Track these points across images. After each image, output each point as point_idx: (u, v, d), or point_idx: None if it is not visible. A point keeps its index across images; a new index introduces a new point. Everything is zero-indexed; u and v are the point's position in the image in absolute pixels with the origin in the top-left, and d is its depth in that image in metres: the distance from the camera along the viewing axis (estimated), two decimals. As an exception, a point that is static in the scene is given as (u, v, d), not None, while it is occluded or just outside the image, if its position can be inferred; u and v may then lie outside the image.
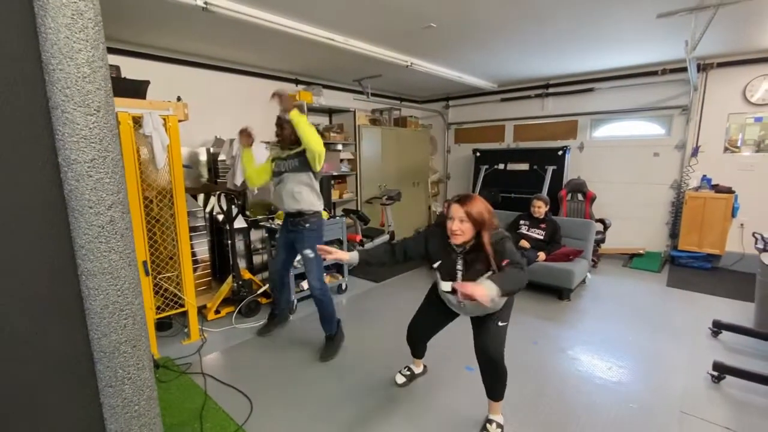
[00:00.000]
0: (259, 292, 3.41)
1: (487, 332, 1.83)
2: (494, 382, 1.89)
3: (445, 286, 1.81)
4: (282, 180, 2.66)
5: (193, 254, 3.24)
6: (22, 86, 0.70)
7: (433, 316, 2.11)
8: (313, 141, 2.43)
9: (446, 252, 1.79)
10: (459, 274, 1.76)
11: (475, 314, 1.89)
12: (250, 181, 2.76)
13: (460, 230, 1.65)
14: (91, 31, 0.72)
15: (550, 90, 5.59)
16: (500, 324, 1.84)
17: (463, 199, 1.68)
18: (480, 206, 1.66)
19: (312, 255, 2.64)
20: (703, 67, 4.43)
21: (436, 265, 1.84)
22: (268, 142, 2.83)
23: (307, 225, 2.64)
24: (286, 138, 2.62)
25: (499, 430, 1.93)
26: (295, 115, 2.39)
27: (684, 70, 4.05)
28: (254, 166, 2.74)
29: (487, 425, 1.94)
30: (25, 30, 0.68)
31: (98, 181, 0.77)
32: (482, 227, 1.65)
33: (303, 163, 2.58)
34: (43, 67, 0.71)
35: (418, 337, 2.23)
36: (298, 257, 2.86)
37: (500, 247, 1.66)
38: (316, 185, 2.68)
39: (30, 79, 0.70)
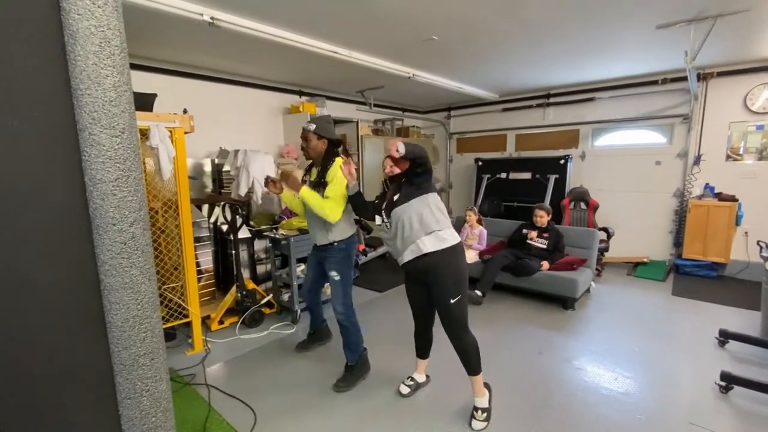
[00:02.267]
0: (262, 302, 3.41)
1: (445, 313, 2.05)
2: (464, 355, 2.08)
3: (378, 219, 2.16)
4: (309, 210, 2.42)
5: (198, 264, 3.25)
6: (52, 110, 0.73)
7: (414, 297, 2.27)
8: (324, 214, 2.27)
9: (385, 192, 2.17)
10: (385, 203, 2.12)
11: (406, 254, 2.06)
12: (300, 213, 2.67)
13: (391, 171, 2.09)
14: (117, 57, 0.76)
15: (551, 100, 5.65)
16: (452, 301, 1.99)
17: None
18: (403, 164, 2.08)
19: (338, 278, 2.43)
20: (703, 77, 4.48)
21: (379, 205, 2.18)
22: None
23: (335, 244, 2.42)
24: (312, 150, 2.39)
25: (485, 414, 2.07)
26: (304, 192, 2.26)
27: (684, 79, 4.10)
28: (298, 203, 2.56)
29: (474, 413, 2.07)
30: (56, 57, 0.72)
31: (122, 199, 0.80)
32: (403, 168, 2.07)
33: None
34: (72, 92, 0.75)
35: (418, 318, 2.35)
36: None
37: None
38: (348, 209, 2.42)
39: (60, 104, 0.74)
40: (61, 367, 0.79)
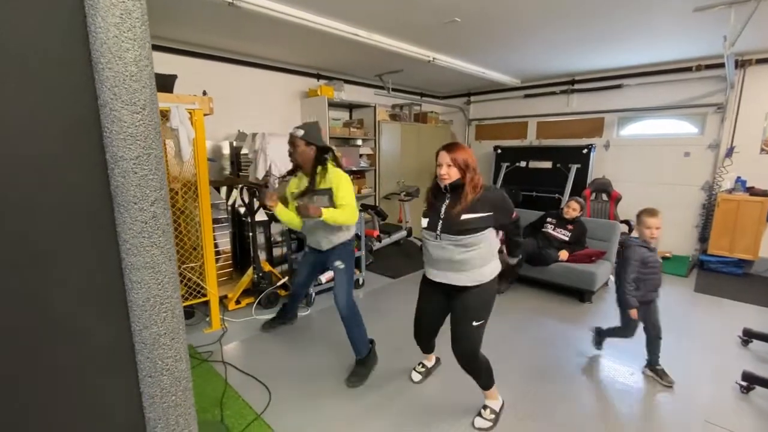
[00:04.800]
0: (278, 284, 3.46)
1: (461, 333, 1.90)
2: (476, 376, 1.99)
3: (423, 222, 1.95)
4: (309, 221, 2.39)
5: (216, 245, 3.31)
6: (73, 85, 0.72)
7: (427, 303, 2.09)
8: (348, 220, 2.27)
9: (439, 196, 1.93)
10: (443, 209, 1.87)
11: (448, 276, 1.89)
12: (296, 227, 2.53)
13: (447, 174, 1.81)
14: (138, 30, 0.74)
15: (576, 86, 5.45)
16: (474, 324, 1.86)
17: (449, 147, 1.85)
18: (464, 154, 1.82)
19: (342, 266, 2.41)
20: (741, 64, 4.23)
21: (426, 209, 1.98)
22: (283, 177, 2.51)
23: (340, 245, 2.47)
24: (300, 157, 2.34)
25: (493, 415, 2.01)
26: (327, 214, 2.19)
27: (720, 66, 3.88)
28: (293, 216, 2.44)
29: (482, 411, 2.04)
30: (77, 30, 0.70)
31: (143, 177, 0.79)
32: (466, 171, 1.82)
33: (332, 201, 2.29)
34: (93, 66, 0.73)
35: (423, 329, 2.17)
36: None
37: (500, 201, 1.86)
38: None
39: (81, 78, 0.73)
40: (85, 345, 0.80)
